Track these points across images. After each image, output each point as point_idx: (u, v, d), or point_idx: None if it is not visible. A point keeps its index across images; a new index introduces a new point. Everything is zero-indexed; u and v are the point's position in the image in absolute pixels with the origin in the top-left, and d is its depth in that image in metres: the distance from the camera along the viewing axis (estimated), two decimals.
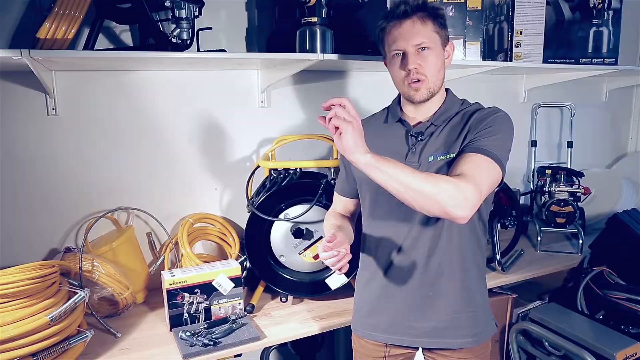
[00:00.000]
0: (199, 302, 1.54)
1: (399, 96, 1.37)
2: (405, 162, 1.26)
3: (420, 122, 1.32)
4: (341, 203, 1.49)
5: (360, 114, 1.47)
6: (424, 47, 1.24)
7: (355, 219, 1.49)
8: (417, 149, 1.28)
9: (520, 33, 2.04)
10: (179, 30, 1.53)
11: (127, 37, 1.72)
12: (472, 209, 1.06)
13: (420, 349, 1.39)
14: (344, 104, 1.05)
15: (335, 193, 1.51)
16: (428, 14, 1.24)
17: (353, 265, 1.25)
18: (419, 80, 1.25)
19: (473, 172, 1.11)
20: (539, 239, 2.21)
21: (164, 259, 1.78)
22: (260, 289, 1.76)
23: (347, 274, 1.70)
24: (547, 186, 2.26)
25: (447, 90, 1.36)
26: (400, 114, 1.35)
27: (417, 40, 1.23)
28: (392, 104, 1.40)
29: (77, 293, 1.32)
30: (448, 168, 1.21)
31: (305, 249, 1.67)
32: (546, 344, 1.85)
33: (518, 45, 2.05)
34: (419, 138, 1.28)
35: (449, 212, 1.05)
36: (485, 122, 1.22)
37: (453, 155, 1.23)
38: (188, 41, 1.56)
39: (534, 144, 2.61)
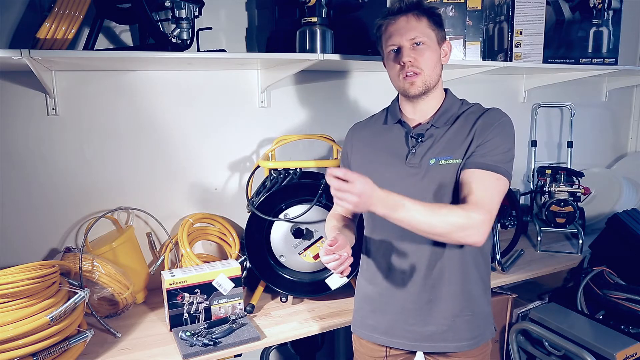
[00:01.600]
0: (199, 302, 1.54)
1: (398, 96, 1.37)
2: (406, 164, 1.27)
3: (420, 124, 1.31)
4: None
5: (360, 114, 1.48)
6: (419, 42, 1.24)
7: (356, 220, 1.49)
8: (418, 150, 1.27)
9: (520, 33, 2.04)
10: (179, 30, 1.53)
11: (127, 37, 1.72)
12: (484, 235, 1.15)
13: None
14: (341, 176, 1.04)
15: None
16: (423, 11, 1.26)
17: (353, 266, 1.25)
18: (414, 74, 1.25)
19: (483, 194, 1.16)
20: (539, 239, 2.21)
21: (164, 259, 1.78)
22: (260, 289, 1.76)
23: (348, 275, 1.70)
24: (547, 186, 2.26)
25: (446, 90, 1.36)
26: (400, 115, 1.35)
27: (411, 35, 1.24)
28: (391, 104, 1.40)
29: (77, 293, 1.32)
30: (452, 172, 1.23)
31: (305, 249, 1.67)
32: (546, 344, 1.85)
33: (518, 45, 2.05)
34: (419, 140, 1.28)
35: (463, 242, 1.17)
36: (490, 130, 1.23)
37: (458, 160, 1.23)
38: (188, 41, 1.56)
39: (534, 144, 2.61)
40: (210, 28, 1.71)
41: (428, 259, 1.28)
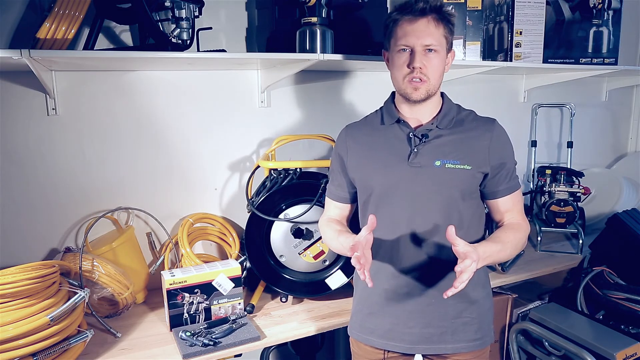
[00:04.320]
0: (199, 302, 1.54)
1: (393, 97, 1.36)
2: (408, 164, 1.26)
3: (422, 124, 1.30)
4: (337, 210, 1.45)
5: (359, 114, 1.48)
6: (432, 49, 1.23)
7: (348, 224, 1.46)
8: (421, 151, 1.27)
9: (520, 33, 2.04)
10: (179, 30, 1.53)
11: (127, 37, 1.72)
12: None
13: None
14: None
15: (328, 200, 1.46)
16: (443, 17, 1.24)
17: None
18: (420, 80, 1.24)
19: (520, 209, 1.36)
20: (539, 239, 2.21)
21: (164, 259, 1.78)
22: (260, 289, 1.76)
23: (347, 274, 1.70)
24: (547, 186, 2.26)
25: (442, 93, 1.35)
26: (398, 114, 1.33)
27: (427, 41, 1.22)
28: (385, 105, 1.38)
29: (77, 293, 1.32)
30: (460, 177, 1.25)
31: (305, 249, 1.67)
32: (546, 344, 1.85)
33: (518, 45, 2.05)
34: (423, 140, 1.27)
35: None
36: (506, 152, 1.31)
37: (467, 167, 1.25)
38: (188, 41, 1.56)
39: (534, 144, 2.61)
40: (210, 28, 1.71)
41: (430, 261, 1.28)
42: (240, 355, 1.48)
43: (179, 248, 1.75)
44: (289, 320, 1.60)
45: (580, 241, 2.18)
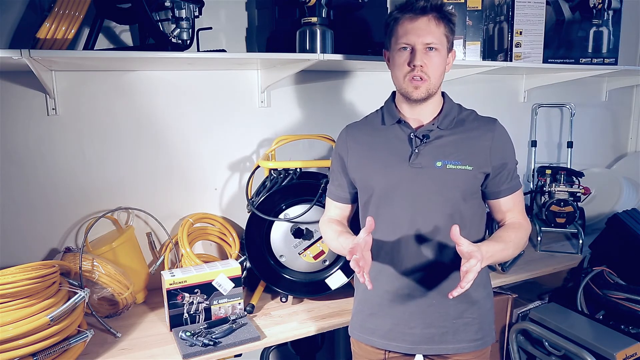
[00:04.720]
0: (199, 302, 1.54)
1: (393, 97, 1.36)
2: (409, 165, 1.26)
3: (423, 125, 1.30)
4: (338, 210, 1.45)
5: (359, 114, 1.48)
6: (432, 48, 1.23)
7: (349, 224, 1.46)
8: (422, 151, 1.26)
9: (520, 33, 2.04)
10: (179, 30, 1.53)
11: (127, 37, 1.72)
12: None
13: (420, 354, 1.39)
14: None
15: (329, 200, 1.46)
16: (443, 16, 1.24)
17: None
18: (421, 79, 1.24)
19: (521, 209, 1.36)
20: (539, 239, 2.21)
21: (164, 259, 1.78)
22: (260, 289, 1.76)
23: (347, 274, 1.70)
24: (547, 186, 2.26)
25: (442, 93, 1.35)
26: (398, 114, 1.33)
27: (428, 39, 1.22)
28: (386, 105, 1.37)
29: (77, 293, 1.32)
30: (461, 177, 1.24)
31: (305, 249, 1.67)
32: (546, 344, 1.85)
33: (518, 45, 2.05)
34: (424, 140, 1.27)
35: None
36: (507, 152, 1.31)
37: (468, 168, 1.25)
38: (188, 41, 1.56)
39: (534, 144, 2.61)
40: (210, 28, 1.71)
41: (431, 262, 1.28)
42: (240, 355, 1.48)
43: (179, 248, 1.75)
44: (289, 320, 1.60)
45: (580, 241, 2.18)
